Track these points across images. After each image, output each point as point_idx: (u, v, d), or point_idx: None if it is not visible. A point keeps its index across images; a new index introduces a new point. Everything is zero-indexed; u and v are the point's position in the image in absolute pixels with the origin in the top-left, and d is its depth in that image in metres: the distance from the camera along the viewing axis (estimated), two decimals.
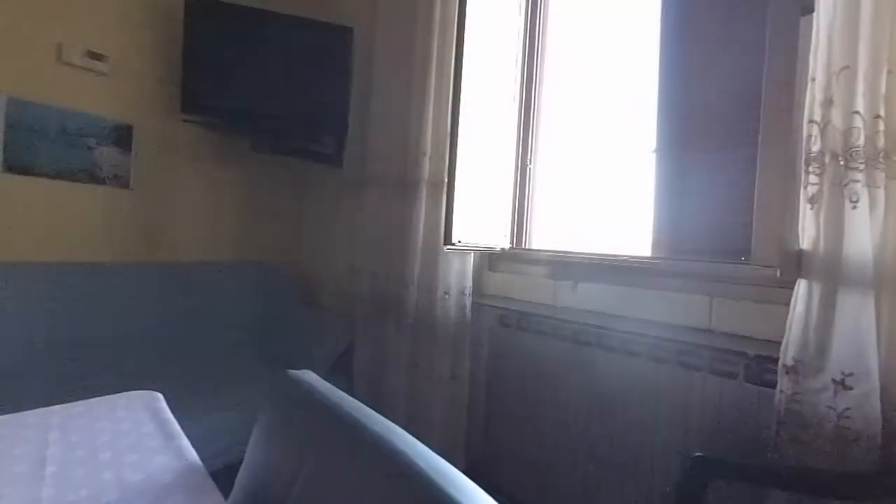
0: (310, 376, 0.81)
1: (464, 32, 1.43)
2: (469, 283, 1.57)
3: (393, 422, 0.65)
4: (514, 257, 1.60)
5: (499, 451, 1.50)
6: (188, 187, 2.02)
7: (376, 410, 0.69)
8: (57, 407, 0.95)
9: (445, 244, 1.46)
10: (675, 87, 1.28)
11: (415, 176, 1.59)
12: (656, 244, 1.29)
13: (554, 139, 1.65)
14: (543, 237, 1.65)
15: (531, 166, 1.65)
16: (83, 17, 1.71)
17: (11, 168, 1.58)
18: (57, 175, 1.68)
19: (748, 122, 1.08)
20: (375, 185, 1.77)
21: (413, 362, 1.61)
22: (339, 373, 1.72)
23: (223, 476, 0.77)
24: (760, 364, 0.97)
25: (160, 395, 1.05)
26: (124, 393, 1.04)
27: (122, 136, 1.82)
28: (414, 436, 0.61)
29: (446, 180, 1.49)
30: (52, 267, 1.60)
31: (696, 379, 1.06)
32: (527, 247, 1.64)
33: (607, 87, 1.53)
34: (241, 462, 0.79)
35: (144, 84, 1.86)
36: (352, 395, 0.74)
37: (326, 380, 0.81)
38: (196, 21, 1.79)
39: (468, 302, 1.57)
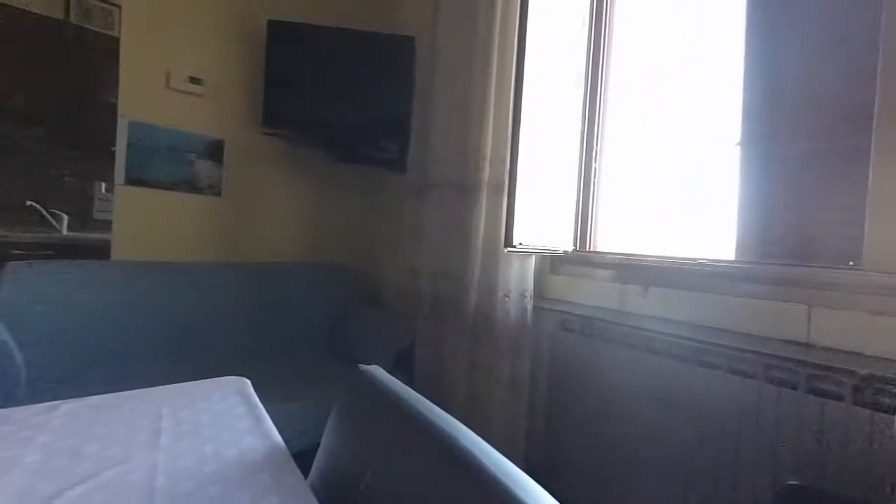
0: (379, 372, 0.86)
1: (525, 34, 1.41)
2: (530, 285, 1.55)
3: None
4: (578, 260, 1.55)
5: (559, 457, 1.45)
6: (269, 195, 2.22)
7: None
8: (165, 387, 1.09)
9: (506, 246, 1.45)
10: (764, 70, 1.16)
11: (475, 179, 1.60)
12: (741, 246, 1.18)
13: (622, 134, 1.58)
14: (610, 239, 1.58)
15: (596, 165, 1.59)
16: (186, 47, 1.96)
17: (131, 181, 1.87)
18: (165, 186, 1.95)
19: (856, 107, 0.95)
20: (437, 189, 1.81)
21: (473, 363, 1.62)
22: (401, 369, 1.79)
23: (301, 459, 0.84)
24: (873, 385, 0.85)
25: (248, 381, 1.17)
26: (218, 378, 1.17)
27: (215, 151, 2.06)
28: None
29: (507, 183, 1.49)
30: (160, 266, 1.85)
31: (788, 397, 0.95)
32: (592, 249, 1.58)
33: (682, 75, 1.42)
34: (317, 447, 0.86)
35: (232, 102, 2.09)
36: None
37: None
38: (276, 42, 1.97)
39: (529, 305, 1.55)
